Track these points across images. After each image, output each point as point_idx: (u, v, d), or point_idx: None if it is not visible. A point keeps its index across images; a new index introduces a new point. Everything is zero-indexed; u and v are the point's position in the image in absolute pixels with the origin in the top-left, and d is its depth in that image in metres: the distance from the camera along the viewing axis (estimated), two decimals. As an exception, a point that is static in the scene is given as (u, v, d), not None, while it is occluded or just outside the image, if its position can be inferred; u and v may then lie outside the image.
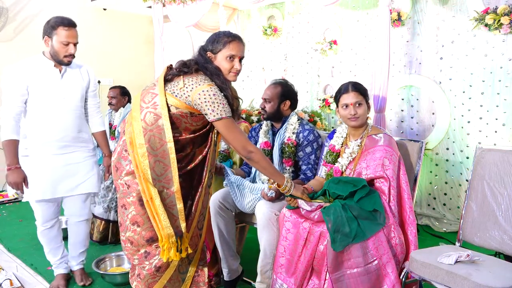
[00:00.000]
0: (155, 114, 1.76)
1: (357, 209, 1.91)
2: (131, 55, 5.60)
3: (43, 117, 2.30)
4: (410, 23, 3.72)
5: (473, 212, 2.09)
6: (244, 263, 2.55)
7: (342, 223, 1.84)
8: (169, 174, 1.75)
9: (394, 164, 2.03)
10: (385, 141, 2.09)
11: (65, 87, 2.36)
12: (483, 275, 1.63)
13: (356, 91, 2.12)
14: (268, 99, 2.48)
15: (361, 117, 2.12)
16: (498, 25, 3.16)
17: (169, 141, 1.74)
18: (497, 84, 3.28)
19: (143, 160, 1.73)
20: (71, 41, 2.31)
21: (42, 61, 2.33)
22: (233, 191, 2.36)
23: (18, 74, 2.25)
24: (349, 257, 1.83)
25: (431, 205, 3.69)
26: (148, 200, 1.74)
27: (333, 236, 1.82)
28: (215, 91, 1.76)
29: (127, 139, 1.80)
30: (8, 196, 4.51)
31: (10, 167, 2.22)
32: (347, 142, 2.24)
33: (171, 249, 1.76)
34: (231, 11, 4.83)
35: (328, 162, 2.25)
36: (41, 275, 2.73)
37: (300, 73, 4.55)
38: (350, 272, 1.84)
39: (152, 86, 1.84)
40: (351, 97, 2.12)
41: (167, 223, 1.74)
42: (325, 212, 1.91)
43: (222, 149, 2.87)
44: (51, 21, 2.29)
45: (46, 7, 4.95)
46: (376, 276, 1.86)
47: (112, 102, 3.96)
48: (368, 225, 1.88)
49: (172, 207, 1.77)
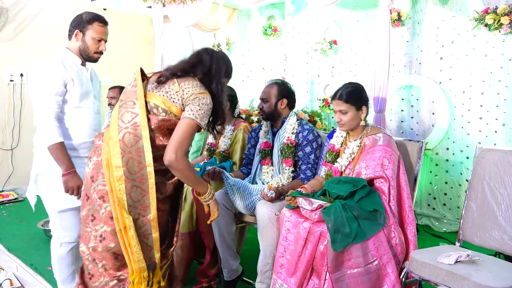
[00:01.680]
0: (135, 135, 1.65)
1: (357, 209, 1.91)
2: (131, 55, 5.60)
3: (77, 118, 2.15)
4: (410, 23, 3.72)
5: (473, 212, 2.09)
6: (244, 263, 2.55)
7: (342, 223, 1.84)
8: (147, 200, 1.64)
9: (393, 164, 2.04)
10: (384, 141, 2.10)
11: (93, 86, 2.25)
12: (483, 275, 1.63)
13: (341, 99, 2.13)
14: (265, 98, 2.49)
15: (347, 124, 2.15)
16: (498, 25, 3.16)
17: (149, 165, 1.63)
18: (497, 84, 3.28)
19: (119, 184, 1.60)
20: (104, 38, 2.22)
21: (72, 57, 2.17)
22: (232, 195, 2.36)
23: (53, 70, 2.06)
24: (349, 257, 1.83)
25: (431, 205, 3.69)
26: (121, 229, 1.61)
27: (333, 237, 1.82)
28: (208, 101, 1.72)
29: (103, 160, 1.66)
30: (8, 196, 4.51)
31: (68, 172, 2.03)
32: (346, 142, 2.24)
33: (141, 284, 1.65)
34: (231, 11, 4.83)
35: (327, 162, 2.26)
36: (41, 275, 2.72)
37: (300, 73, 4.55)
38: (350, 272, 1.84)
39: (131, 105, 1.70)
40: (336, 105, 2.16)
41: (140, 255, 1.62)
42: (326, 212, 1.90)
43: (222, 149, 2.87)
44: (84, 15, 2.16)
45: (46, 7, 4.95)
46: (377, 276, 1.86)
47: (112, 103, 3.96)
48: (368, 225, 1.88)
49: (147, 236, 1.66)
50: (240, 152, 2.83)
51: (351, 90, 2.15)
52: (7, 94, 4.76)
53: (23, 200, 4.52)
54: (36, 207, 2.30)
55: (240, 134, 2.86)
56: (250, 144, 2.69)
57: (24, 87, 4.78)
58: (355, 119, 2.15)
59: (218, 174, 2.40)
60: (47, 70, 2.07)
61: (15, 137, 4.82)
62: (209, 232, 2.51)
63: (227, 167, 2.63)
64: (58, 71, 2.07)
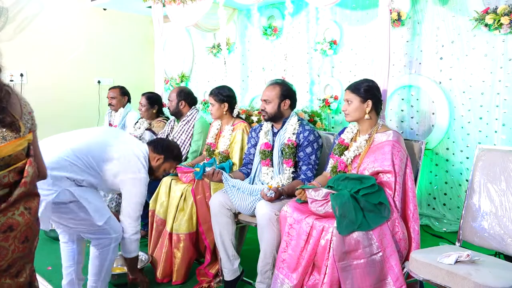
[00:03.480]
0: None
1: (363, 201, 1.94)
2: (131, 55, 5.60)
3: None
4: (410, 23, 3.72)
5: (473, 212, 2.09)
6: (244, 263, 2.55)
7: (349, 209, 1.88)
8: None
9: (401, 160, 2.06)
10: (394, 137, 2.14)
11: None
12: (483, 275, 1.63)
13: (349, 89, 2.24)
14: (268, 100, 2.48)
15: (350, 114, 2.22)
16: (498, 25, 3.16)
17: None
18: (497, 84, 3.28)
19: None
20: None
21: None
22: (232, 195, 2.36)
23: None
24: (356, 247, 1.86)
25: (431, 205, 3.69)
26: None
27: (339, 220, 1.86)
28: None
29: None
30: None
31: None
32: (356, 137, 2.28)
33: None
34: (231, 11, 4.82)
35: (335, 154, 2.30)
36: (41, 275, 2.72)
37: (300, 73, 4.54)
38: (356, 263, 1.87)
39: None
40: (345, 95, 2.26)
41: None
42: (334, 198, 1.95)
43: (221, 150, 2.87)
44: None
45: (46, 7, 4.95)
46: (381, 268, 1.88)
47: (112, 103, 3.96)
48: (373, 217, 1.91)
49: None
50: (240, 152, 2.83)
51: (361, 83, 2.24)
52: (7, 94, 4.76)
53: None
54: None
55: (239, 135, 2.86)
56: (250, 144, 2.68)
57: (24, 87, 4.78)
58: (358, 111, 2.20)
59: (218, 174, 2.40)
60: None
61: (15, 137, 4.81)
62: (209, 232, 2.51)
63: (226, 168, 2.63)
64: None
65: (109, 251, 2.21)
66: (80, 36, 5.18)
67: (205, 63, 5.37)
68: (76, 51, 5.15)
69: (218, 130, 2.99)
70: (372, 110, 2.21)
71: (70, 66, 5.02)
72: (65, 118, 4.77)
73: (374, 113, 2.23)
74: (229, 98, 2.92)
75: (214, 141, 2.98)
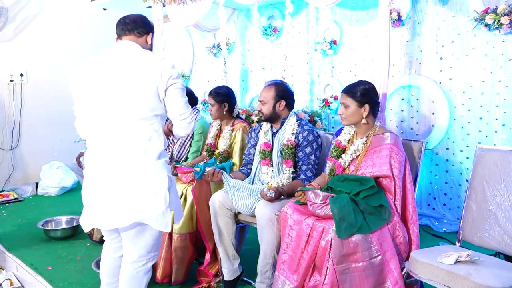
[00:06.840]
0: None
1: (363, 204, 1.93)
2: (131, 55, 5.60)
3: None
4: (410, 23, 3.72)
5: (473, 212, 2.09)
6: (244, 263, 2.55)
7: (348, 212, 1.87)
8: None
9: (399, 163, 2.05)
10: (392, 140, 2.11)
11: None
12: (483, 275, 1.63)
13: (346, 93, 2.19)
14: (263, 101, 2.48)
15: (347, 118, 2.19)
16: (498, 25, 3.16)
17: None
18: (497, 84, 3.28)
19: None
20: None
21: None
22: (232, 195, 2.36)
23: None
24: (355, 250, 1.85)
25: (431, 205, 3.69)
26: None
27: (339, 223, 1.85)
28: None
29: None
30: (8, 196, 4.51)
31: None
32: (353, 139, 2.26)
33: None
34: (231, 11, 4.83)
35: (332, 157, 2.28)
36: (41, 275, 2.73)
37: (300, 73, 4.54)
38: (355, 266, 1.86)
39: None
40: (342, 98, 2.22)
41: None
42: (333, 201, 1.94)
43: (221, 150, 2.87)
44: (147, 19, 2.10)
45: (46, 7, 4.95)
46: (380, 271, 1.88)
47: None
48: (373, 219, 1.91)
49: None
50: (240, 152, 2.83)
51: (357, 86, 2.19)
52: (7, 94, 4.77)
53: (23, 200, 4.52)
54: (37, 208, 2.23)
55: (239, 135, 2.86)
56: (250, 144, 2.68)
57: (24, 87, 4.78)
58: (355, 115, 2.17)
59: (218, 175, 2.40)
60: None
61: (15, 137, 4.82)
62: (209, 232, 2.51)
63: (227, 168, 2.63)
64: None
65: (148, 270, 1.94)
66: (80, 36, 5.19)
67: (205, 63, 5.37)
68: (76, 51, 5.15)
69: (218, 130, 2.99)
70: (369, 114, 2.18)
71: (70, 66, 5.03)
72: (65, 118, 4.76)
73: (371, 116, 2.19)
74: (228, 99, 2.92)
75: (214, 142, 2.98)
